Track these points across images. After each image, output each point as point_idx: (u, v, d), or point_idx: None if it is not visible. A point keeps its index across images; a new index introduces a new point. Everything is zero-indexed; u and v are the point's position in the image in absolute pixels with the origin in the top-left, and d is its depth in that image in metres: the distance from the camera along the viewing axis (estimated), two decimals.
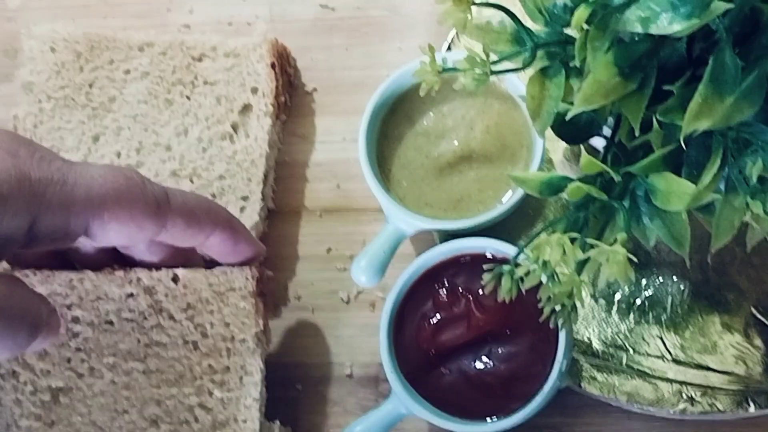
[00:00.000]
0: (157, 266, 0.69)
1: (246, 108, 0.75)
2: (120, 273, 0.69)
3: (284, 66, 0.77)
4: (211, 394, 0.68)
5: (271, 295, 0.73)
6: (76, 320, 0.69)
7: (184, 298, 0.69)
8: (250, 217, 0.73)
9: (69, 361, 0.69)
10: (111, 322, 0.69)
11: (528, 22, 0.56)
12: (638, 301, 0.70)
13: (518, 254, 0.54)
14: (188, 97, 0.75)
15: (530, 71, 0.55)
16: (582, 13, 0.50)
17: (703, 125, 0.47)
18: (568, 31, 0.56)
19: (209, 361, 0.68)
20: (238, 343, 0.68)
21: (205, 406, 0.68)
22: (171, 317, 0.69)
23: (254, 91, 0.75)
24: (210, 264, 0.70)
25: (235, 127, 0.75)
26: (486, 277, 0.54)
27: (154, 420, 0.68)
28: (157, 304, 0.69)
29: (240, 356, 0.68)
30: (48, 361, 0.69)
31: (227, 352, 0.68)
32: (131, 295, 0.69)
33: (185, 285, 0.69)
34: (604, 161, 0.55)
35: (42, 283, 0.69)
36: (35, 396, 0.69)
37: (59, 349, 0.69)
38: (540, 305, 0.53)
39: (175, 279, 0.69)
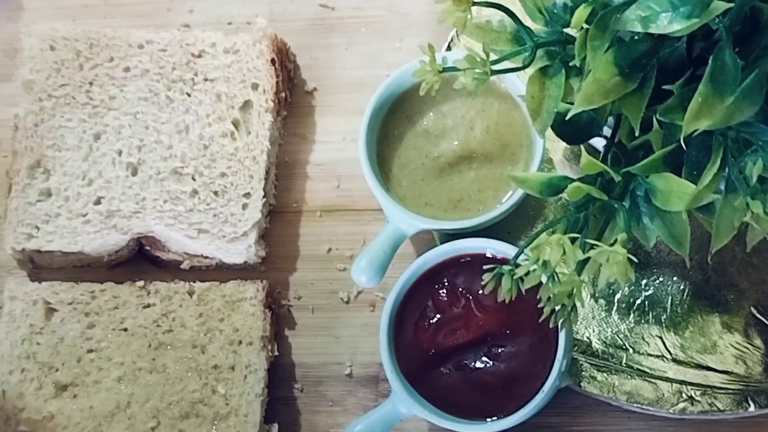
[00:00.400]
0: None
1: (246, 104, 0.75)
2: (140, 283, 0.72)
3: (284, 61, 0.77)
4: (214, 391, 0.69)
5: (278, 309, 0.74)
6: (92, 326, 0.71)
7: (197, 308, 0.71)
8: (253, 214, 0.73)
9: (79, 360, 0.70)
10: (125, 329, 0.71)
11: (528, 22, 0.56)
12: (638, 301, 0.70)
13: (518, 254, 0.54)
14: (188, 94, 0.75)
15: (530, 71, 0.55)
16: (582, 12, 0.50)
17: (703, 125, 0.47)
18: (568, 30, 0.56)
19: (215, 362, 0.70)
20: (245, 345, 0.70)
21: (207, 401, 0.69)
22: (183, 325, 0.71)
23: (255, 87, 0.75)
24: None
25: (236, 124, 0.75)
26: (486, 277, 0.54)
27: (154, 415, 0.68)
28: (170, 313, 0.71)
29: (246, 356, 0.70)
30: (58, 359, 0.70)
31: (233, 354, 0.70)
32: (148, 305, 0.72)
33: (200, 296, 0.72)
34: (604, 161, 0.55)
35: (66, 291, 0.72)
36: (40, 391, 0.69)
37: (71, 349, 0.70)
38: (540, 305, 0.53)
39: (191, 292, 0.72)
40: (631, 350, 0.69)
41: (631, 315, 0.70)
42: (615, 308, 0.70)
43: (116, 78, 0.76)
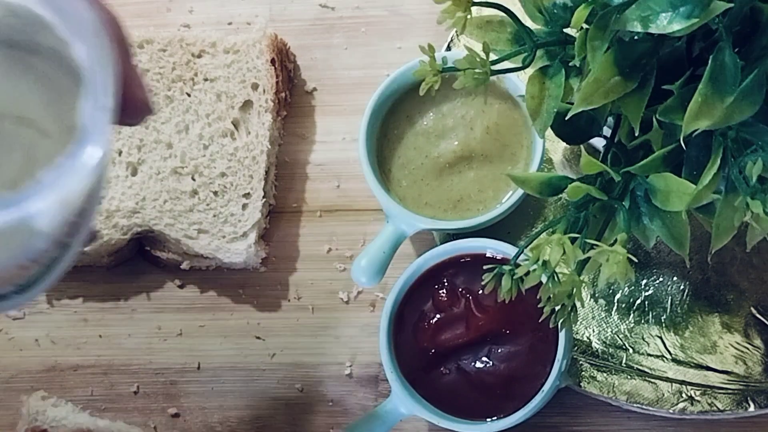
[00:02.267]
0: None
1: (246, 104, 0.75)
2: None
3: (284, 61, 0.77)
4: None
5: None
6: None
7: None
8: (253, 214, 0.73)
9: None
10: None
11: (528, 22, 0.56)
12: (638, 301, 0.70)
13: (518, 254, 0.54)
14: (188, 94, 0.75)
15: (530, 71, 0.55)
16: (582, 12, 0.50)
17: (703, 125, 0.47)
18: (568, 30, 0.56)
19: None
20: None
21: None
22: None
23: (255, 87, 0.75)
24: None
25: (236, 124, 0.75)
26: (486, 277, 0.54)
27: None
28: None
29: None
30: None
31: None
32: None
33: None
34: (604, 161, 0.55)
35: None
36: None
37: None
38: (540, 305, 0.53)
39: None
40: (631, 350, 0.69)
41: (631, 315, 0.70)
42: (615, 308, 0.70)
43: None
